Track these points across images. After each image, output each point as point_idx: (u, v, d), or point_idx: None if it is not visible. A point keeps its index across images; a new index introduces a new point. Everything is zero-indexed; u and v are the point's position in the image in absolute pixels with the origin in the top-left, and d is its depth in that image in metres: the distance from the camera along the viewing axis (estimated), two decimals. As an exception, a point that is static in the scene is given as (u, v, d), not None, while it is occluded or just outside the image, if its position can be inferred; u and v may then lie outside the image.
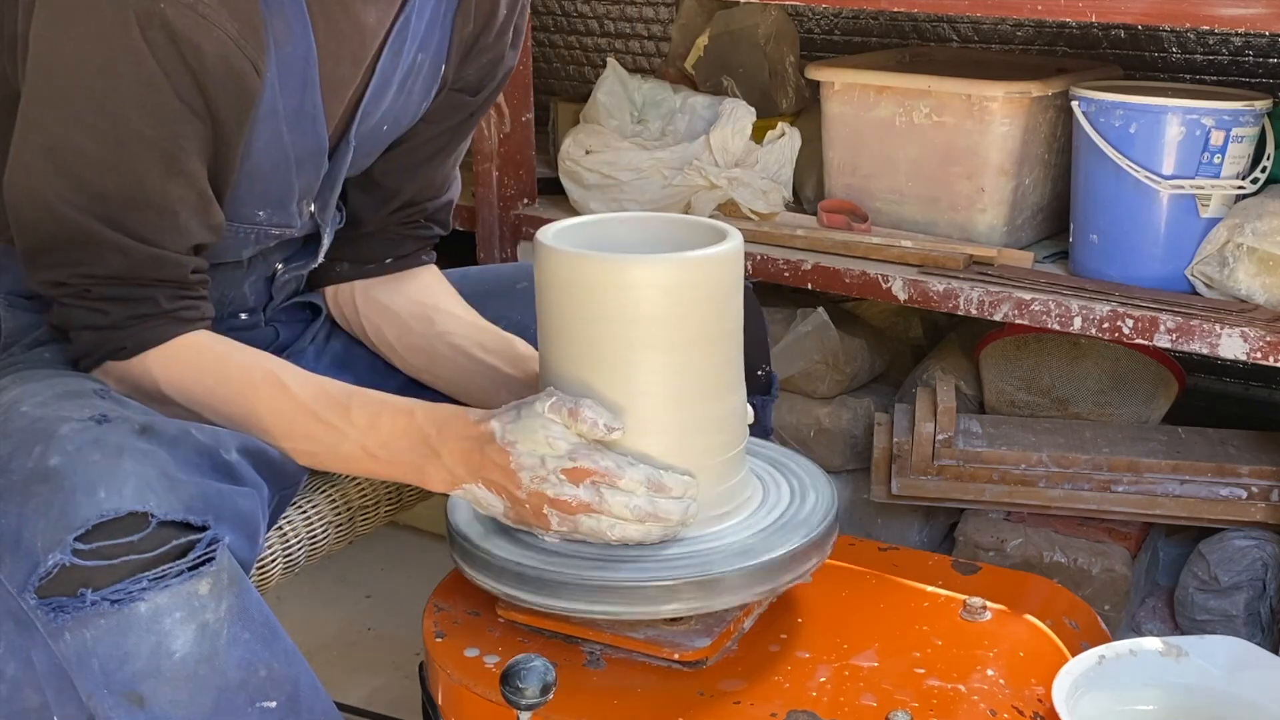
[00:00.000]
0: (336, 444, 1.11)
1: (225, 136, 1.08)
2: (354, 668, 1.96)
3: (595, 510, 1.02)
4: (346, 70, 1.16)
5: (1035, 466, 1.79)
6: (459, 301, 1.36)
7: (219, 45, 1.03)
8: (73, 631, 0.91)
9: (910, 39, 2.26)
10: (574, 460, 1.02)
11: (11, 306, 1.17)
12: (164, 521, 0.94)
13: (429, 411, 1.10)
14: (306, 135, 1.15)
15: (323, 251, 1.30)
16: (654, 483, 1.03)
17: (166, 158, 1.05)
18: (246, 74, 1.05)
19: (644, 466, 1.03)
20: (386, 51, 1.18)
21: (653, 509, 1.03)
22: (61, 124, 1.03)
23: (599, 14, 2.60)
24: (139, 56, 1.01)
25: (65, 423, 0.96)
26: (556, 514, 1.03)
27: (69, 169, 1.04)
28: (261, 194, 1.16)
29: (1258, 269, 1.54)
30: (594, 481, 1.02)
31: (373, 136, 1.24)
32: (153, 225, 1.06)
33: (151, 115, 1.03)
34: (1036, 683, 1.07)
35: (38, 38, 1.02)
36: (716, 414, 1.08)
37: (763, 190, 1.92)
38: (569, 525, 1.04)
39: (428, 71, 1.24)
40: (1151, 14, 1.50)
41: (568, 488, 1.02)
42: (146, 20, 1.00)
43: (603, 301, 1.04)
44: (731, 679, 1.06)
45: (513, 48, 1.31)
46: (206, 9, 1.01)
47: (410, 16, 1.19)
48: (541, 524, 1.05)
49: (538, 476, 1.03)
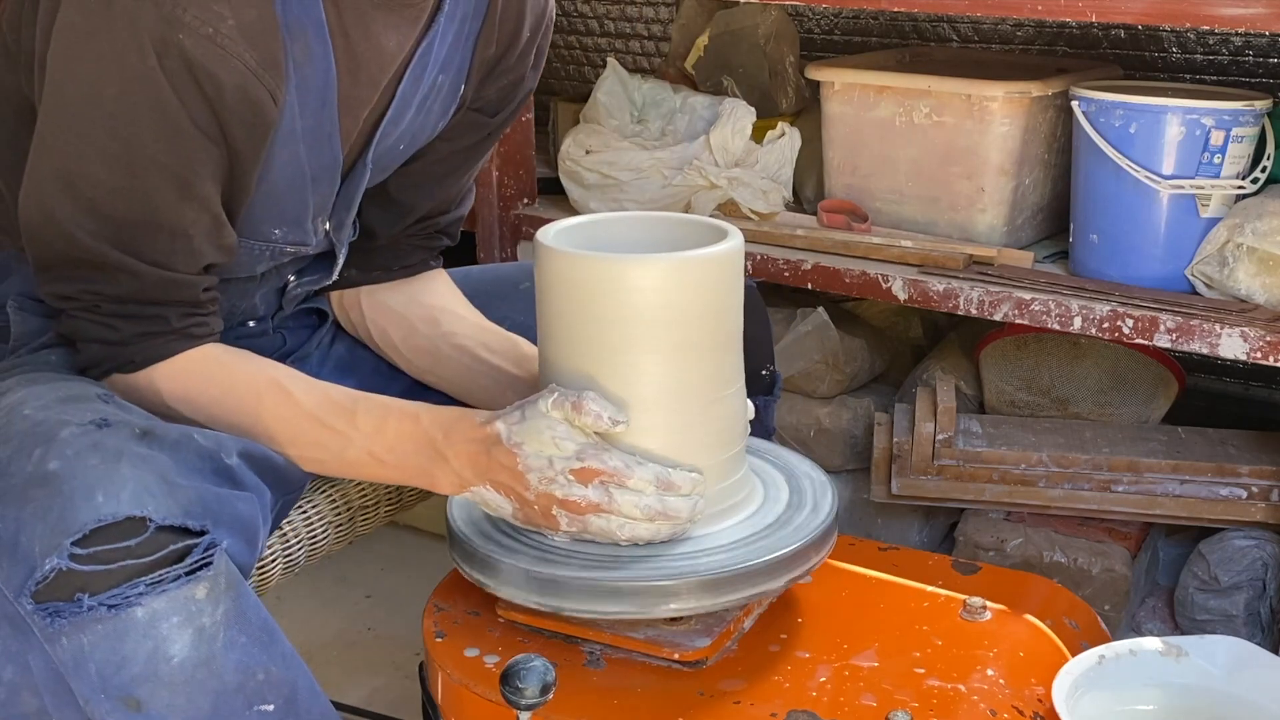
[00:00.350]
0: (342, 450, 1.11)
1: (241, 162, 1.08)
2: (354, 668, 1.96)
3: (605, 510, 1.02)
4: (365, 92, 1.16)
5: (1035, 466, 1.79)
6: (464, 303, 1.36)
7: (237, 75, 1.02)
8: (70, 636, 0.91)
9: (910, 39, 2.26)
10: (582, 461, 1.02)
11: (21, 309, 1.17)
12: (162, 526, 0.93)
13: (434, 415, 1.10)
14: (323, 154, 1.15)
15: (337, 269, 1.30)
16: (663, 481, 1.03)
17: (180, 183, 1.04)
18: (264, 103, 1.05)
19: (652, 465, 1.03)
20: (408, 76, 1.18)
21: (662, 507, 1.03)
22: (76, 148, 1.02)
23: (599, 14, 2.60)
24: (155, 84, 1.00)
25: (66, 426, 0.96)
26: (566, 515, 1.03)
27: (82, 193, 1.03)
28: (277, 212, 1.16)
29: (1258, 269, 1.54)
30: (603, 481, 1.02)
31: (389, 155, 1.24)
32: (165, 249, 1.06)
33: (166, 142, 1.02)
34: (1036, 683, 1.07)
35: (55, 62, 1.02)
36: (717, 412, 1.08)
37: (763, 190, 1.92)
38: (578, 526, 1.04)
39: (447, 91, 1.24)
40: (1151, 14, 1.49)
41: (576, 488, 1.02)
42: (163, 49, 0.99)
43: (602, 301, 1.04)
44: (731, 679, 1.06)
45: (534, 69, 1.31)
46: (225, 40, 1.01)
47: (434, 42, 1.18)
48: (550, 525, 1.05)
49: (545, 478, 1.03)
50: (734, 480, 1.11)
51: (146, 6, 0.98)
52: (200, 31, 1.00)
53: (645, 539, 1.04)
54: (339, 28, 1.10)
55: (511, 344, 1.29)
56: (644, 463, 1.03)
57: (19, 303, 1.17)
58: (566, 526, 1.04)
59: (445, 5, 1.18)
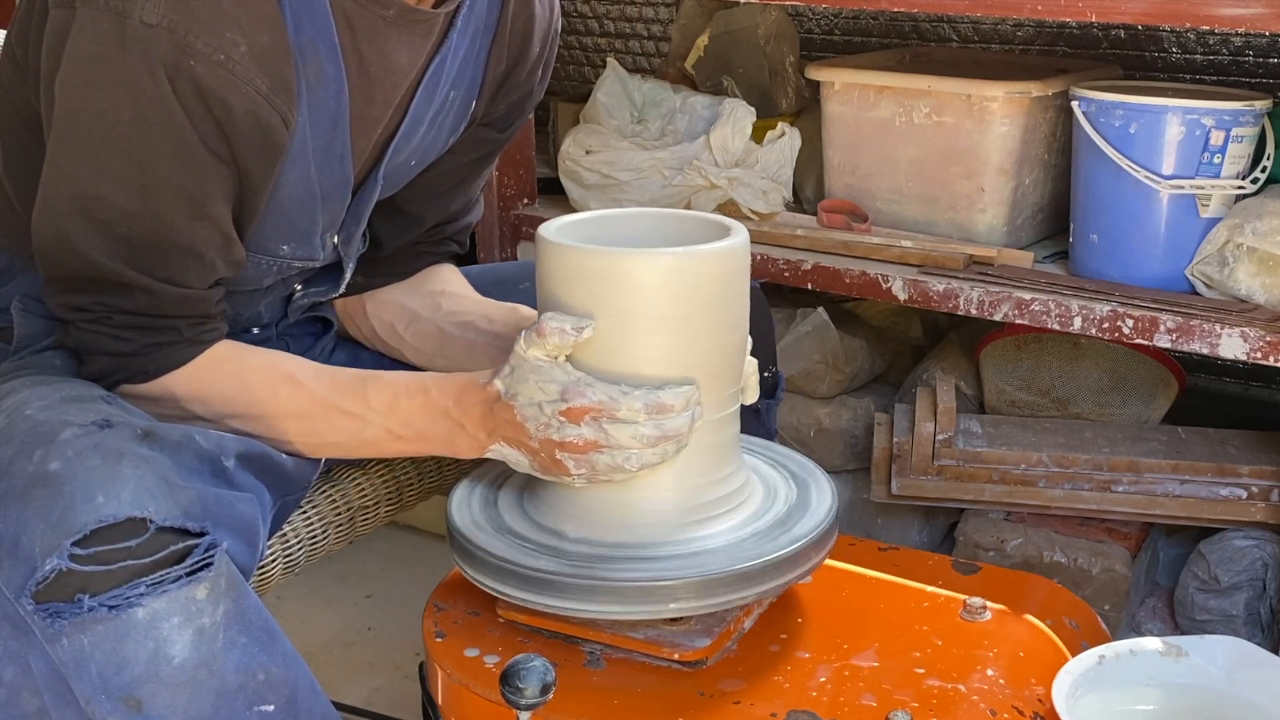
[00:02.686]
0: (360, 431, 1.12)
1: (251, 184, 1.08)
2: (354, 668, 1.96)
3: (604, 447, 1.02)
4: (378, 110, 1.16)
5: (1035, 466, 1.79)
6: (464, 284, 1.36)
7: (248, 101, 1.02)
8: (70, 637, 0.91)
9: (910, 39, 2.26)
10: (567, 400, 1.02)
11: (25, 311, 1.17)
12: (162, 527, 0.93)
13: (442, 385, 1.11)
14: (333, 173, 1.15)
15: (344, 282, 1.30)
16: (653, 406, 1.02)
17: (193, 204, 1.05)
18: (275, 128, 1.05)
19: (639, 391, 1.02)
20: (420, 93, 1.18)
21: (660, 432, 1.03)
22: (90, 172, 1.03)
23: (599, 14, 2.60)
24: (168, 108, 1.01)
25: (67, 427, 0.96)
26: (570, 458, 1.03)
27: (97, 216, 1.04)
28: (287, 229, 1.16)
29: (1258, 269, 1.54)
30: (594, 418, 1.02)
31: (400, 171, 1.25)
32: (178, 267, 1.07)
33: (180, 165, 1.03)
34: (1036, 683, 1.07)
35: (68, 88, 1.02)
36: (716, 405, 1.08)
37: (763, 190, 1.92)
38: (586, 468, 1.04)
39: (458, 107, 1.24)
40: (1151, 14, 1.49)
41: (570, 429, 1.02)
42: (175, 74, 1.00)
43: (605, 296, 1.04)
44: (731, 679, 1.06)
45: (541, 83, 1.32)
46: (237, 66, 1.01)
47: (446, 58, 1.18)
48: (562, 471, 1.05)
49: (541, 424, 1.03)
50: (730, 470, 1.11)
51: (160, 33, 0.98)
52: (212, 59, 1.00)
53: (656, 463, 1.04)
54: (352, 47, 1.10)
55: (512, 310, 1.29)
56: (629, 391, 1.02)
57: (23, 304, 1.17)
58: (575, 470, 1.04)
59: (458, 21, 1.18)
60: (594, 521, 1.08)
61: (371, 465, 1.38)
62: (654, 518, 1.08)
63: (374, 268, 1.34)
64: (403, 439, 1.12)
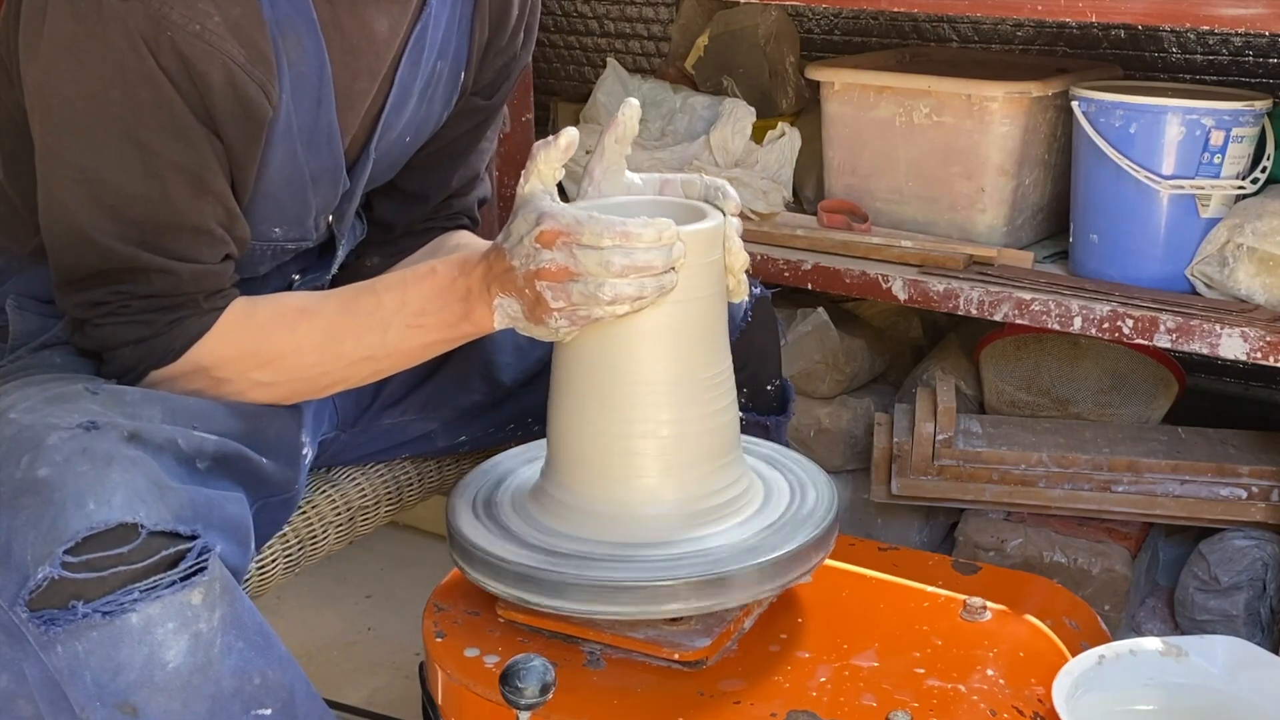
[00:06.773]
0: (384, 333, 1.12)
1: (236, 159, 1.08)
2: (354, 668, 1.96)
3: (575, 273, 1.01)
4: (363, 84, 1.16)
5: (1035, 466, 1.79)
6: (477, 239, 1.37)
7: (226, 72, 1.02)
8: (64, 644, 0.91)
9: (910, 39, 2.26)
10: (540, 224, 1.02)
11: (20, 309, 1.17)
12: (154, 532, 0.93)
13: (446, 260, 1.12)
14: (321, 154, 1.15)
15: (337, 263, 1.30)
16: (619, 232, 1.01)
17: (195, 179, 1.05)
18: (256, 99, 1.05)
19: (607, 218, 1.02)
20: (404, 62, 1.18)
21: (630, 261, 1.01)
22: (90, 155, 1.02)
23: (599, 14, 2.60)
24: (157, 83, 1.01)
25: (53, 431, 0.96)
26: (549, 289, 1.02)
27: (103, 200, 1.03)
28: (277, 213, 1.16)
29: (1258, 269, 1.54)
30: (565, 242, 1.01)
31: (395, 148, 1.25)
32: (190, 243, 1.07)
33: (176, 139, 1.03)
34: (1036, 683, 1.07)
35: (53, 71, 1.01)
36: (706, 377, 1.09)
37: (763, 190, 1.92)
38: (563, 300, 1.02)
39: (448, 79, 1.24)
40: (1151, 14, 1.49)
41: (544, 254, 1.02)
42: (156, 46, 1.00)
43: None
44: (731, 679, 1.06)
45: (524, 48, 1.32)
46: (213, 36, 1.01)
47: (427, 25, 1.18)
48: (544, 311, 1.04)
49: (523, 256, 1.03)
50: (729, 459, 1.12)
51: (134, 6, 0.98)
52: (188, 29, 1.00)
53: (631, 296, 1.02)
54: (332, 19, 1.10)
55: None
56: (598, 216, 1.02)
57: (18, 302, 1.16)
58: (554, 303, 1.03)
59: None
60: (594, 521, 1.08)
61: (371, 465, 1.38)
62: (655, 517, 1.08)
63: (389, 250, 1.35)
64: (424, 326, 1.11)
